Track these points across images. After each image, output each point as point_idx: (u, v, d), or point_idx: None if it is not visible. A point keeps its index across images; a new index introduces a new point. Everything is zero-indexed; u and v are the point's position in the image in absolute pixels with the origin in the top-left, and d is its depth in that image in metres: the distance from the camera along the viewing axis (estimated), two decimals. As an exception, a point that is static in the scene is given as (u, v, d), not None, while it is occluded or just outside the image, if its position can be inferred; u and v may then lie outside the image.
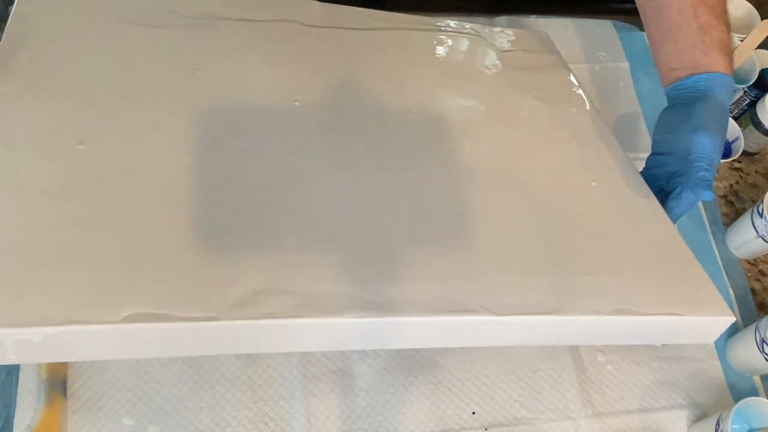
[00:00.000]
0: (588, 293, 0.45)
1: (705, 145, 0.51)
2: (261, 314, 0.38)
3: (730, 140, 0.71)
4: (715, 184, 0.74)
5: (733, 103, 0.77)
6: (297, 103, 0.53)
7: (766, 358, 0.58)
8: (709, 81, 0.53)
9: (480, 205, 0.49)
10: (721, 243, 0.71)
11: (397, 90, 0.58)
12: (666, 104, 0.57)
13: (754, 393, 0.63)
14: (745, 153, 0.76)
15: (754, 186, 0.75)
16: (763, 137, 0.73)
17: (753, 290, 0.69)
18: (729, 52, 0.55)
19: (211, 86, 0.52)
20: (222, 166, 0.46)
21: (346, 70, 0.58)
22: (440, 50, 0.65)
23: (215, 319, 0.37)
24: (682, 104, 0.54)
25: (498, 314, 0.41)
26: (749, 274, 0.70)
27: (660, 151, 0.55)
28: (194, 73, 0.52)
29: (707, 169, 0.51)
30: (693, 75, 0.54)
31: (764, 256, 0.70)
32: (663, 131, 0.55)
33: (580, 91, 0.64)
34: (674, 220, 0.53)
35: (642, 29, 0.83)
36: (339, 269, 0.42)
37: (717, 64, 0.53)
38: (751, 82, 0.73)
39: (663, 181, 0.55)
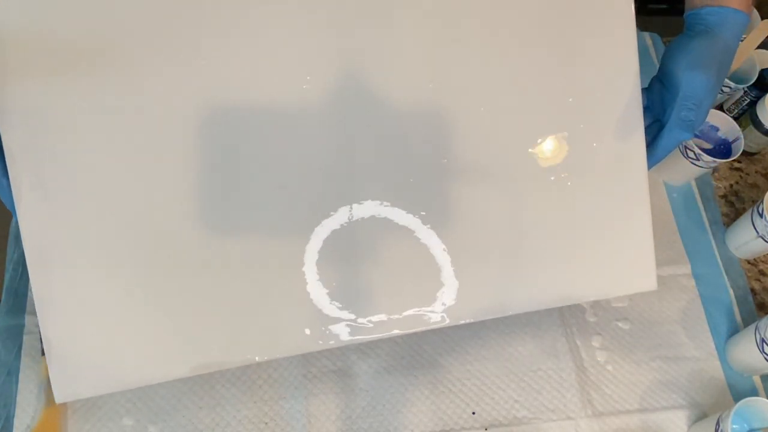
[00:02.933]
0: (532, 290, 0.53)
1: (695, 84, 0.51)
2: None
3: (730, 140, 0.71)
4: (714, 183, 0.75)
5: (733, 103, 0.77)
6: (309, 79, 0.50)
7: (766, 358, 0.58)
8: (720, 15, 0.53)
9: (464, 204, 0.51)
10: (721, 243, 0.71)
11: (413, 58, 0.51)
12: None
13: (754, 393, 0.63)
14: (745, 153, 0.76)
15: (754, 186, 0.75)
16: (763, 137, 0.73)
17: (753, 290, 0.69)
18: None
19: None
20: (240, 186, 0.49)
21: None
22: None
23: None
24: (688, 36, 0.54)
25: (453, 323, 0.51)
26: (749, 274, 0.70)
27: (659, 78, 0.55)
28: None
29: (691, 109, 0.51)
30: (707, 6, 0.53)
31: (764, 256, 0.70)
32: (666, 59, 0.55)
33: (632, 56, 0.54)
34: (658, 158, 0.53)
35: (642, 29, 0.83)
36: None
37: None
38: (751, 82, 0.73)
39: (659, 111, 0.55)
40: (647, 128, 0.53)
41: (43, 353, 0.58)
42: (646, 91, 0.55)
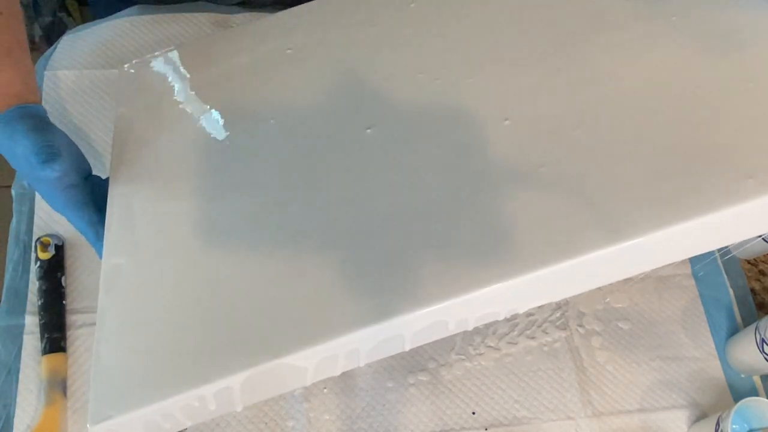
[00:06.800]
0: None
1: None
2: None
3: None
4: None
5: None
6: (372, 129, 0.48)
7: (766, 358, 0.58)
8: None
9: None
10: (721, 243, 0.71)
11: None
12: None
13: (754, 393, 0.63)
14: (745, 153, 0.76)
15: (754, 186, 0.75)
16: (763, 137, 0.73)
17: (753, 290, 0.69)
18: None
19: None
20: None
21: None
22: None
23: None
24: None
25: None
26: (749, 274, 0.70)
27: None
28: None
29: None
30: None
31: (764, 256, 0.70)
32: None
33: None
34: None
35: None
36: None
37: None
38: (751, 82, 0.73)
39: None
40: None
41: (43, 353, 0.58)
42: None
